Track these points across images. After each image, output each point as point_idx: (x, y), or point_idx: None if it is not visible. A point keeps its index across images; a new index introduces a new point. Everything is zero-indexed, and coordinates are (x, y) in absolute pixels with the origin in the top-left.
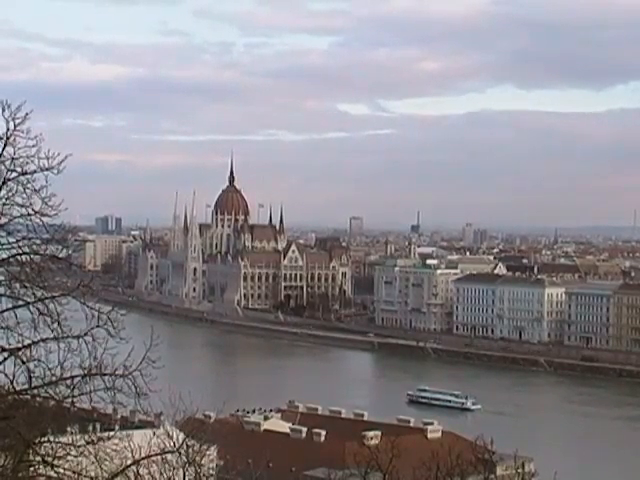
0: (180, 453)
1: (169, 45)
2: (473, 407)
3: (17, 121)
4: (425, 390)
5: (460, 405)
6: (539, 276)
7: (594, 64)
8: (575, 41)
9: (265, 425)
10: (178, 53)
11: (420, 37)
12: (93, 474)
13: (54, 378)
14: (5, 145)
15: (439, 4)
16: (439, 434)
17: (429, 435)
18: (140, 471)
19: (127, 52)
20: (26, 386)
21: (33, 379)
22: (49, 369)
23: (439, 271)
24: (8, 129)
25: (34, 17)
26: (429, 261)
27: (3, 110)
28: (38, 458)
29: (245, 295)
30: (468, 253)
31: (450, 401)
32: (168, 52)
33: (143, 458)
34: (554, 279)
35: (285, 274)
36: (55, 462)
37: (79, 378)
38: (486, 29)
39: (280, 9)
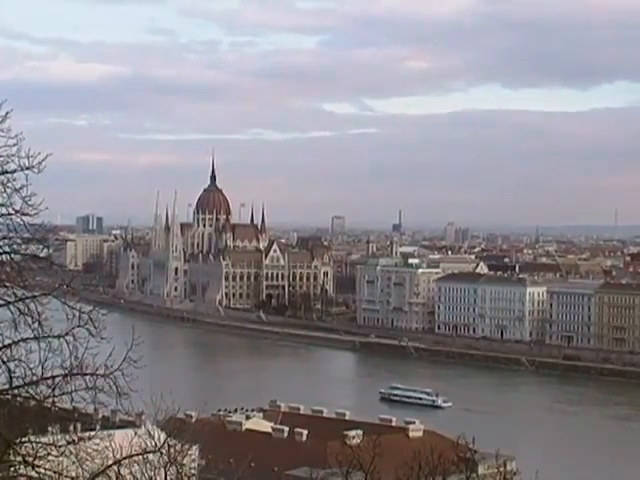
0: (162, 453)
1: (155, 44)
2: (444, 405)
3: None
4: (397, 388)
5: (431, 403)
6: (521, 275)
7: (580, 64)
8: (561, 41)
9: (247, 425)
10: (164, 52)
11: (407, 36)
12: (74, 474)
13: (35, 378)
14: None
15: (426, 4)
16: (421, 433)
17: (411, 434)
18: (121, 471)
19: (113, 51)
20: (7, 386)
21: (14, 379)
22: (30, 369)
23: (421, 270)
24: None
25: (20, 15)
26: (411, 260)
27: None
28: (19, 458)
29: (227, 294)
30: (450, 252)
31: (421, 399)
32: (154, 51)
33: (124, 458)
34: (536, 278)
35: (267, 273)
36: (36, 462)
37: (60, 378)
38: (472, 28)
39: (268, 8)
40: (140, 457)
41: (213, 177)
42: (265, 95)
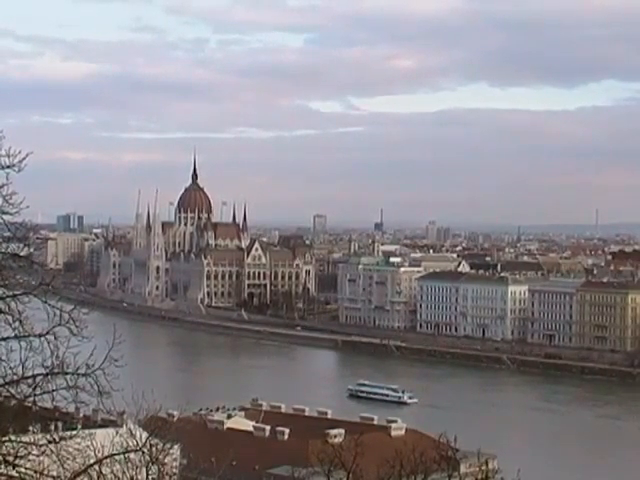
0: (143, 452)
1: (142, 42)
2: (409, 401)
3: None
4: (364, 384)
5: (397, 399)
6: (502, 274)
7: (567, 62)
8: (548, 39)
9: (228, 423)
10: (150, 50)
11: (394, 35)
12: (55, 473)
13: (15, 377)
14: None
15: (414, 2)
16: (402, 432)
17: (392, 433)
18: (103, 470)
19: (98, 49)
20: None
21: None
22: (10, 368)
23: (402, 269)
24: None
25: (5, 13)
26: (392, 259)
27: None
28: None
29: (208, 293)
30: (431, 251)
31: (388, 395)
32: (140, 49)
33: (106, 457)
34: (517, 277)
35: (248, 272)
36: (17, 461)
37: (41, 377)
38: (459, 27)
39: (256, 6)
40: (121, 456)
41: (195, 176)
42: (251, 93)
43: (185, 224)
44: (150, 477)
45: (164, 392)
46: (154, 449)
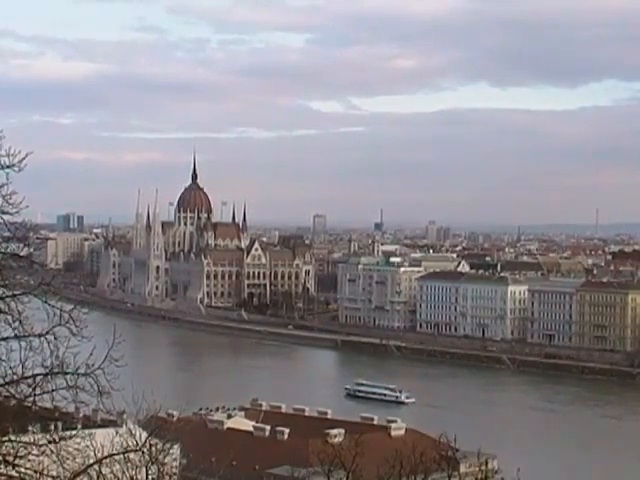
0: (143, 452)
1: (143, 42)
2: (407, 401)
3: None
4: (362, 384)
5: (395, 399)
6: (502, 274)
7: (568, 62)
8: (549, 39)
9: (228, 423)
10: (152, 50)
11: (394, 35)
12: (55, 473)
13: (15, 377)
14: None
15: (414, 2)
16: (402, 432)
17: (392, 433)
18: (103, 470)
19: (99, 49)
20: None
21: None
22: (10, 368)
23: (402, 269)
24: None
25: (6, 13)
26: (392, 259)
27: None
28: None
29: (208, 293)
30: (431, 251)
31: (385, 395)
32: (141, 49)
33: (105, 457)
34: (517, 277)
35: (248, 272)
36: (16, 461)
37: (41, 377)
38: (460, 27)
39: (257, 6)
40: (121, 456)
41: (194, 175)
42: (252, 93)
43: (185, 224)
44: (150, 477)
45: (164, 392)
46: (154, 449)
